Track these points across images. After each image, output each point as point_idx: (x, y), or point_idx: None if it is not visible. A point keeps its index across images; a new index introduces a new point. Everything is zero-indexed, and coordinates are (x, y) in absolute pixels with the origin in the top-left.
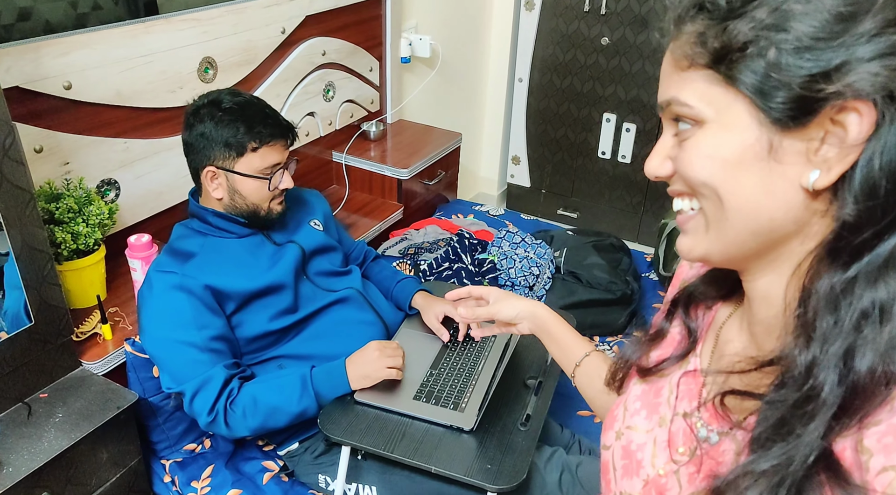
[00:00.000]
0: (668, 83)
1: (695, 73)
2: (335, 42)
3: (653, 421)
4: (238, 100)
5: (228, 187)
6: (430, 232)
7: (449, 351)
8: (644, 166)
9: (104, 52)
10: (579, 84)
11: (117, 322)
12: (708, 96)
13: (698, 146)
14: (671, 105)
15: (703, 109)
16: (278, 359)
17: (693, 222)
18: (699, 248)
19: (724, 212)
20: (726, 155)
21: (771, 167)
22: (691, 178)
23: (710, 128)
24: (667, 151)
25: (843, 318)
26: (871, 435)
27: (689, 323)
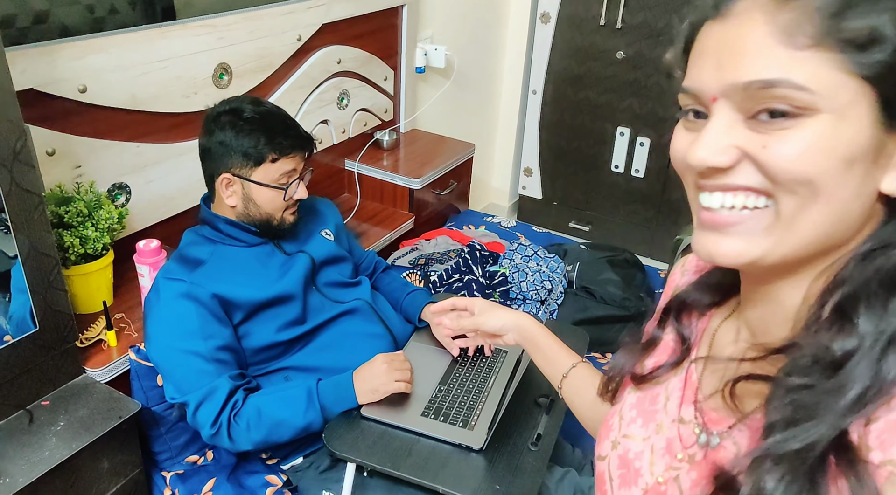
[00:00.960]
0: (765, 59)
1: (817, 55)
2: (351, 51)
3: (649, 428)
4: (260, 109)
5: (243, 195)
6: (441, 242)
7: (458, 366)
8: (692, 153)
9: (120, 56)
10: (594, 97)
11: (123, 328)
12: (832, 83)
13: (810, 138)
14: (772, 87)
15: (825, 97)
16: (285, 370)
17: (751, 222)
18: (754, 252)
19: (810, 213)
20: (843, 151)
21: (868, 169)
22: (789, 173)
23: (826, 120)
24: (731, 138)
25: (891, 314)
26: (871, 432)
27: (681, 330)
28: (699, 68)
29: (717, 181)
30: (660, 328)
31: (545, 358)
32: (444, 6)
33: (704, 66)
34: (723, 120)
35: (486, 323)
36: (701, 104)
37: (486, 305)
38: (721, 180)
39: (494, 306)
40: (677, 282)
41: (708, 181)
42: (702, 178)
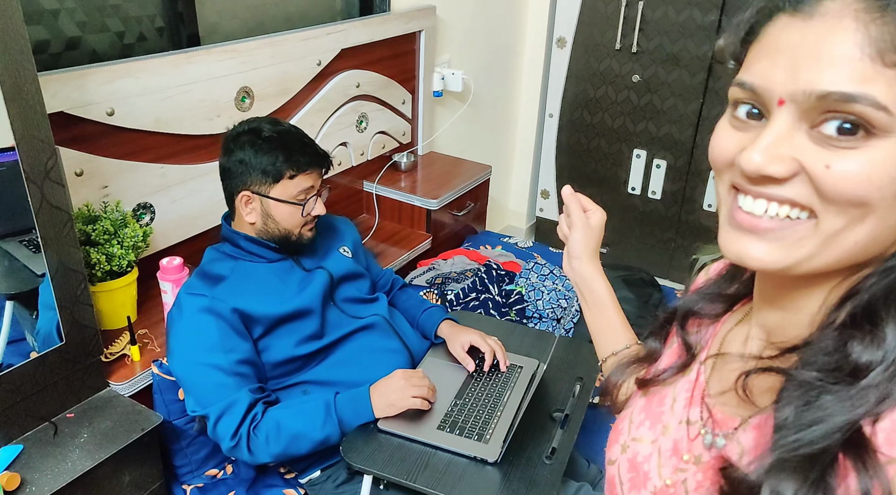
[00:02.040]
0: (850, 71)
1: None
2: (369, 75)
3: (657, 430)
4: (278, 129)
5: (262, 212)
6: (458, 262)
7: (474, 381)
8: (746, 156)
9: (147, 80)
10: (610, 120)
11: (146, 344)
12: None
13: (877, 161)
14: (850, 102)
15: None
16: (303, 384)
17: (789, 230)
18: (787, 260)
19: (853, 233)
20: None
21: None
22: (847, 194)
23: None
24: (786, 148)
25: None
26: (879, 432)
27: (686, 338)
28: (768, 65)
29: (763, 188)
30: (656, 339)
31: (598, 325)
32: (462, 31)
33: (775, 63)
34: (785, 125)
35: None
36: (759, 103)
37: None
38: (769, 189)
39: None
40: (700, 285)
41: (754, 187)
42: (749, 183)
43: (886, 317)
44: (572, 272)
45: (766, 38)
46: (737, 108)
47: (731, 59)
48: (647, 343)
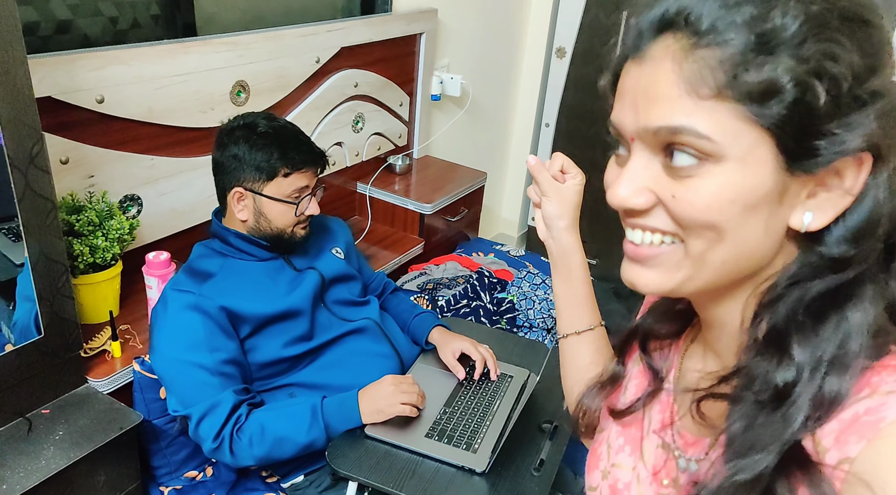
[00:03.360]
0: (671, 107)
1: (719, 105)
2: (368, 75)
3: (636, 456)
4: (273, 124)
5: (255, 209)
6: (450, 268)
7: (464, 389)
8: (609, 194)
9: (139, 68)
10: (605, 132)
11: (128, 340)
12: (733, 132)
13: (713, 186)
14: (677, 134)
15: (727, 146)
16: (290, 387)
17: (665, 257)
18: (669, 283)
19: (716, 253)
20: (746, 197)
21: (773, 209)
22: (696, 220)
23: (729, 167)
24: (644, 181)
25: (823, 340)
26: (828, 434)
27: (651, 363)
28: (620, 107)
29: (636, 220)
30: (619, 363)
31: (568, 299)
32: (462, 36)
33: (624, 105)
34: (641, 161)
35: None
36: (623, 141)
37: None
38: (640, 220)
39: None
40: (652, 299)
41: (630, 219)
42: (625, 216)
43: (790, 335)
44: (550, 240)
45: (621, 81)
46: (618, 147)
47: (610, 97)
48: (608, 365)
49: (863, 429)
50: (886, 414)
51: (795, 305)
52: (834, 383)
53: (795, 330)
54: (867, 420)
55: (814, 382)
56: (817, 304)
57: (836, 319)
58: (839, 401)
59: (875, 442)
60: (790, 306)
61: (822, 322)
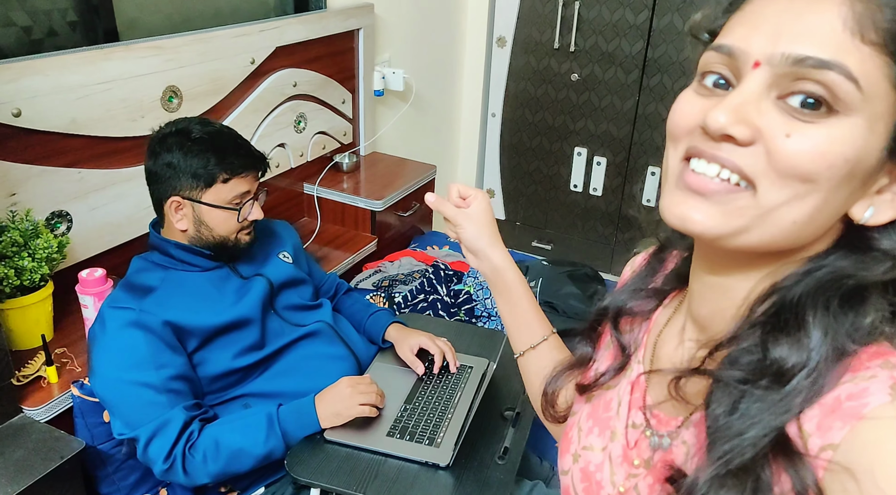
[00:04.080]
0: (829, 40)
1: (877, 56)
2: (307, 74)
3: (605, 436)
4: (208, 129)
5: (194, 218)
6: (405, 264)
7: (424, 384)
8: (713, 114)
9: (58, 78)
10: (550, 118)
11: (64, 364)
12: (878, 90)
13: (835, 136)
14: (825, 69)
15: (866, 99)
16: (243, 397)
17: (733, 196)
18: (727, 226)
19: (792, 210)
20: (856, 162)
21: (857, 187)
22: (799, 167)
23: (857, 125)
24: (750, 113)
25: (840, 328)
26: (810, 419)
27: (619, 338)
28: (749, 29)
29: (719, 151)
30: (587, 342)
31: (515, 317)
32: (402, 30)
33: (757, 29)
34: (756, 88)
35: (461, 234)
36: (732, 68)
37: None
38: (723, 152)
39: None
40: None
41: (710, 149)
42: (708, 142)
43: (813, 319)
44: (481, 265)
45: (750, 6)
46: (705, 77)
47: (705, 32)
48: (577, 347)
49: (845, 415)
50: (869, 400)
51: (830, 289)
52: (830, 370)
53: (821, 314)
54: (850, 405)
55: (818, 370)
56: (851, 294)
57: (855, 312)
58: (829, 388)
59: (858, 427)
60: (823, 288)
61: (847, 311)
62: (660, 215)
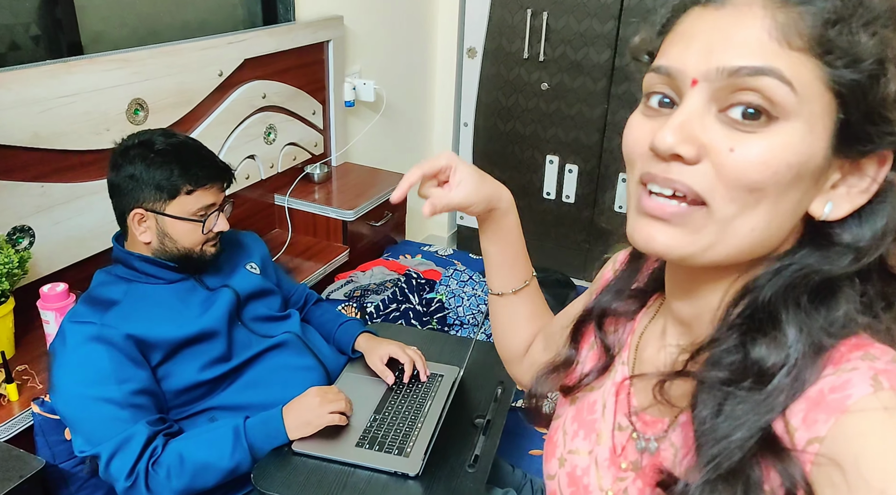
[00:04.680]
0: (759, 49)
1: (805, 59)
2: (276, 85)
3: (591, 439)
4: (172, 141)
5: (158, 230)
6: (377, 273)
7: (394, 394)
8: (660, 136)
9: (19, 92)
10: (522, 127)
11: (26, 381)
12: (811, 91)
13: (777, 144)
14: (760, 75)
15: (802, 102)
16: (210, 411)
17: (691, 217)
18: (693, 246)
19: (747, 220)
20: (801, 165)
21: (810, 187)
22: (744, 177)
23: (797, 128)
24: (695, 130)
25: (815, 324)
26: (795, 414)
27: (603, 339)
28: (683, 49)
29: (669, 173)
30: (570, 344)
31: (506, 256)
32: (372, 42)
33: (690, 48)
34: (697, 105)
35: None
36: (673, 87)
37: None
38: (674, 174)
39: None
40: (609, 278)
41: (662, 173)
42: (657, 166)
43: (786, 317)
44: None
45: (681, 27)
46: (650, 98)
47: (645, 54)
48: (561, 350)
49: (830, 408)
50: (852, 392)
51: (800, 286)
52: (810, 366)
53: (793, 311)
54: (833, 398)
55: (798, 367)
56: (820, 289)
57: (828, 306)
58: (810, 383)
59: (843, 420)
60: (792, 286)
61: (818, 307)
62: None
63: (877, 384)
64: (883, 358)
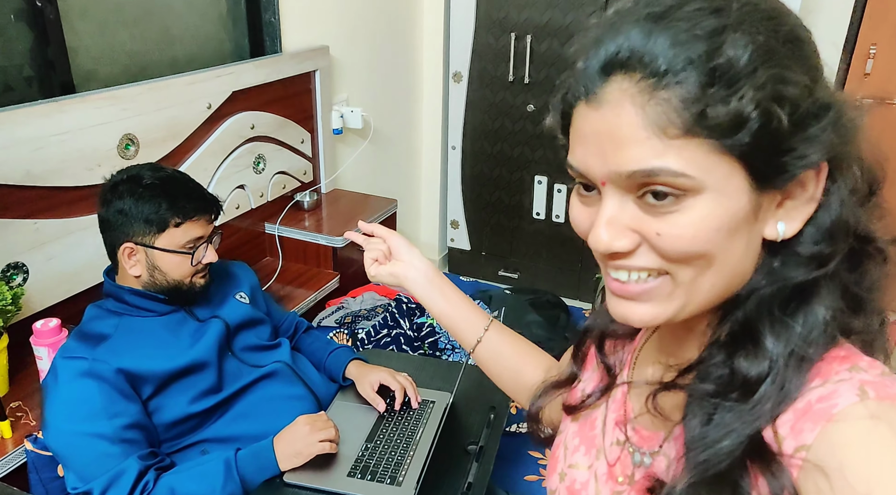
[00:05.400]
0: (641, 151)
1: (688, 142)
2: (264, 116)
3: (591, 455)
4: (160, 175)
5: (148, 263)
6: (368, 298)
7: (385, 421)
8: (595, 238)
9: (12, 131)
10: (509, 149)
11: (20, 418)
12: (707, 166)
13: (696, 217)
14: (653, 175)
15: (703, 179)
16: (201, 443)
17: (656, 291)
18: (664, 314)
19: (706, 278)
20: (728, 223)
21: (751, 227)
22: (683, 251)
23: (709, 198)
24: (623, 222)
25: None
26: (783, 424)
27: (605, 360)
28: (582, 152)
29: (620, 262)
30: (576, 364)
31: (457, 313)
32: (358, 70)
33: (588, 151)
34: (615, 202)
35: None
36: (590, 180)
37: (402, 249)
38: (624, 261)
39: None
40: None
41: (612, 261)
42: (607, 258)
43: (764, 329)
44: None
45: (576, 124)
46: (577, 184)
47: (560, 135)
48: (564, 369)
49: (816, 416)
50: (838, 401)
51: (770, 300)
52: (795, 375)
53: (769, 323)
54: (820, 407)
55: (782, 375)
56: (791, 299)
57: (804, 313)
58: (797, 392)
59: (829, 427)
60: (764, 301)
61: (794, 316)
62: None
63: (863, 393)
64: (870, 370)
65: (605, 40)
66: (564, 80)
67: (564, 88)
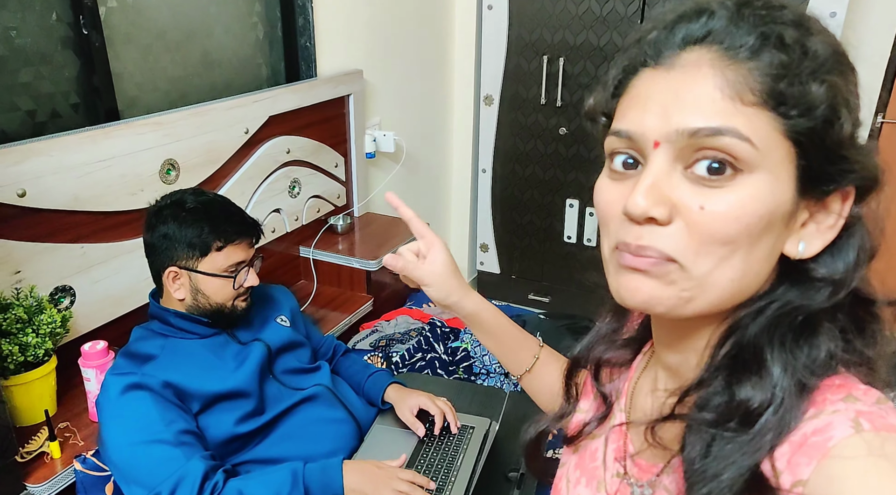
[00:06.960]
0: (713, 109)
1: (759, 113)
2: (299, 140)
3: (592, 487)
4: (202, 199)
5: (191, 287)
6: (402, 322)
7: (426, 446)
8: (632, 201)
9: (60, 158)
10: (541, 172)
11: (68, 438)
12: (769, 143)
13: (745, 196)
14: (719, 135)
15: (763, 154)
16: (244, 464)
17: (663, 270)
18: (673, 299)
19: (723, 271)
20: (771, 213)
21: (781, 231)
22: (718, 231)
23: (762, 179)
24: (664, 190)
25: (798, 362)
26: (780, 457)
27: (601, 389)
28: (640, 112)
29: (641, 242)
30: (567, 399)
31: (502, 348)
32: (390, 94)
33: (647, 110)
34: (663, 166)
35: (429, 293)
36: (635, 149)
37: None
38: (646, 241)
39: (456, 284)
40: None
41: (634, 241)
42: (629, 233)
43: (770, 356)
44: (454, 310)
45: (634, 90)
46: (613, 160)
47: (601, 116)
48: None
49: (812, 450)
50: (833, 434)
51: (778, 324)
52: (795, 404)
53: (777, 350)
54: (815, 440)
55: (784, 404)
56: (802, 327)
57: (810, 342)
58: (795, 423)
59: (824, 462)
60: (772, 325)
61: (801, 344)
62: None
63: (857, 426)
64: (866, 399)
65: (689, 15)
66: (623, 53)
67: (624, 60)
